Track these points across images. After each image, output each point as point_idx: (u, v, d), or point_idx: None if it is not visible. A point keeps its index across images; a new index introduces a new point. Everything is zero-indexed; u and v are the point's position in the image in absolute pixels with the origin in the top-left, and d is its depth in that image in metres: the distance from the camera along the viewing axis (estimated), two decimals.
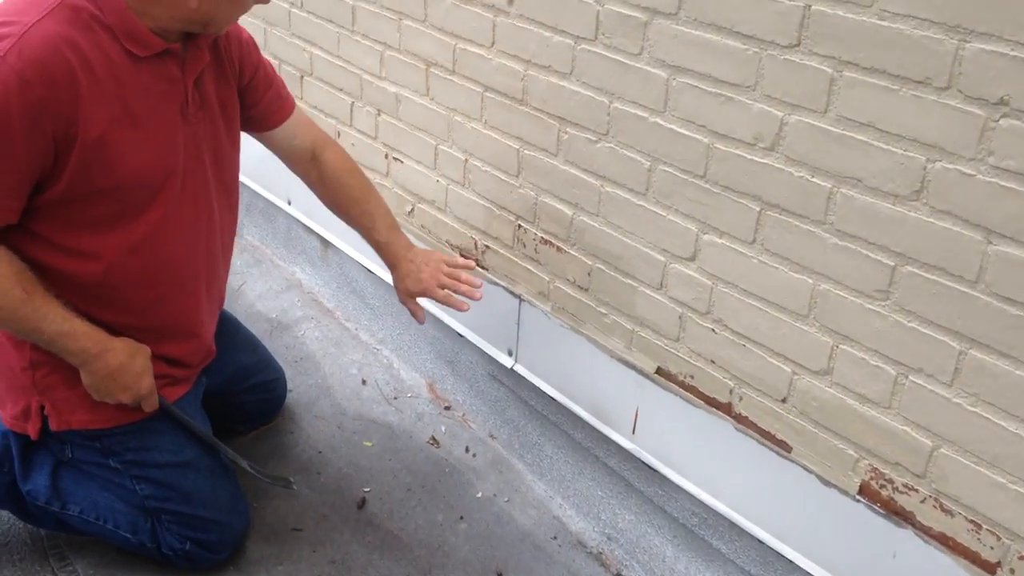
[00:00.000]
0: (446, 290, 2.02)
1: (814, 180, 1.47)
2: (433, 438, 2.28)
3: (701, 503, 1.83)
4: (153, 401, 1.69)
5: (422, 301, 2.10)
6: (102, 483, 1.76)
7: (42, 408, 1.69)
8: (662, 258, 1.77)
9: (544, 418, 2.18)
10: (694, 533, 1.88)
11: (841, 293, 1.49)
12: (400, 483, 2.13)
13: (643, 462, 1.93)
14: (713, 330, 1.71)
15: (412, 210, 2.39)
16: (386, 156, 2.42)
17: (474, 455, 2.23)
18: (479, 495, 2.11)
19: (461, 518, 2.05)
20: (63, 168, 1.46)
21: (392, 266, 2.06)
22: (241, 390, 2.12)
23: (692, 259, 1.71)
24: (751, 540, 1.76)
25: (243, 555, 1.90)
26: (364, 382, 2.46)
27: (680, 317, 1.77)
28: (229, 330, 2.01)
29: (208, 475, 1.80)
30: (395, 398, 2.41)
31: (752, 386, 1.68)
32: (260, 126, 1.90)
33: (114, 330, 1.63)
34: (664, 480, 1.90)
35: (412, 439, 2.27)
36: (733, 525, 1.78)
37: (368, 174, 2.32)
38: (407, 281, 2.03)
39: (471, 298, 2.02)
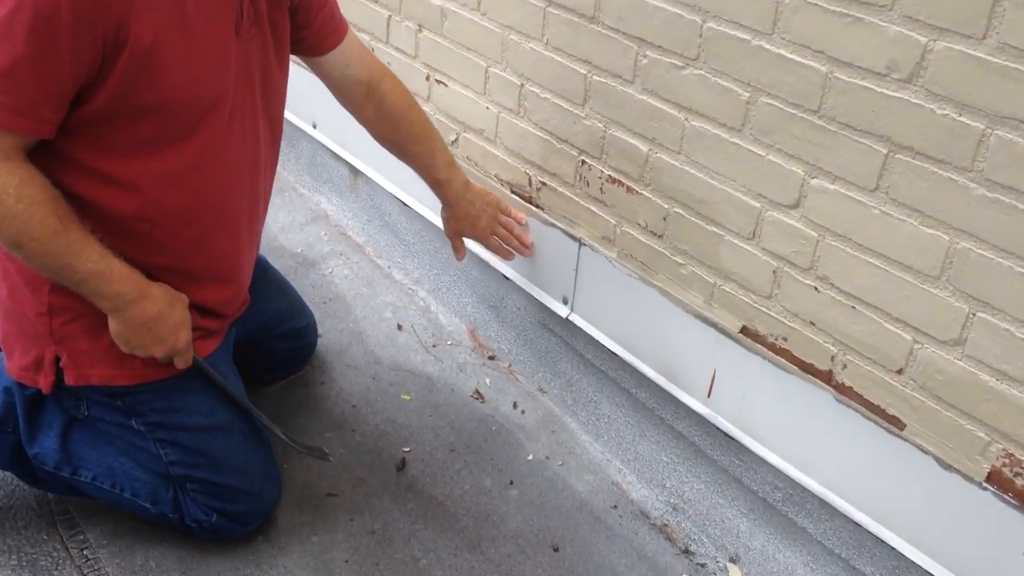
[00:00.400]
0: (498, 239, 1.90)
1: (962, 119, 1.24)
2: (477, 392, 2.08)
3: (787, 477, 1.64)
4: (188, 357, 1.49)
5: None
6: (121, 446, 1.57)
7: (57, 360, 1.49)
8: (757, 204, 1.54)
9: (601, 374, 1.98)
10: (775, 508, 1.69)
11: (986, 253, 1.27)
12: (443, 442, 1.94)
13: (718, 428, 1.73)
14: (816, 288, 1.50)
15: (456, 139, 2.16)
16: (427, 78, 2.17)
17: (523, 412, 2.04)
18: (530, 457, 1.93)
19: (511, 483, 1.86)
20: (107, 78, 1.26)
21: (449, 204, 1.86)
22: (271, 337, 1.92)
23: (795, 207, 1.48)
24: (845, 521, 1.57)
25: (273, 524, 1.72)
26: (399, 327, 2.26)
27: (775, 272, 1.55)
28: (259, 273, 1.80)
29: (241, 440, 1.61)
30: (434, 346, 2.21)
31: (860, 354, 1.47)
32: (312, 50, 1.66)
33: (148, 273, 1.43)
34: (742, 450, 1.71)
35: (454, 392, 2.07)
36: (824, 504, 1.59)
37: None
38: (462, 224, 1.84)
39: (520, 254, 1.94)
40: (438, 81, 2.14)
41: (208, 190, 1.44)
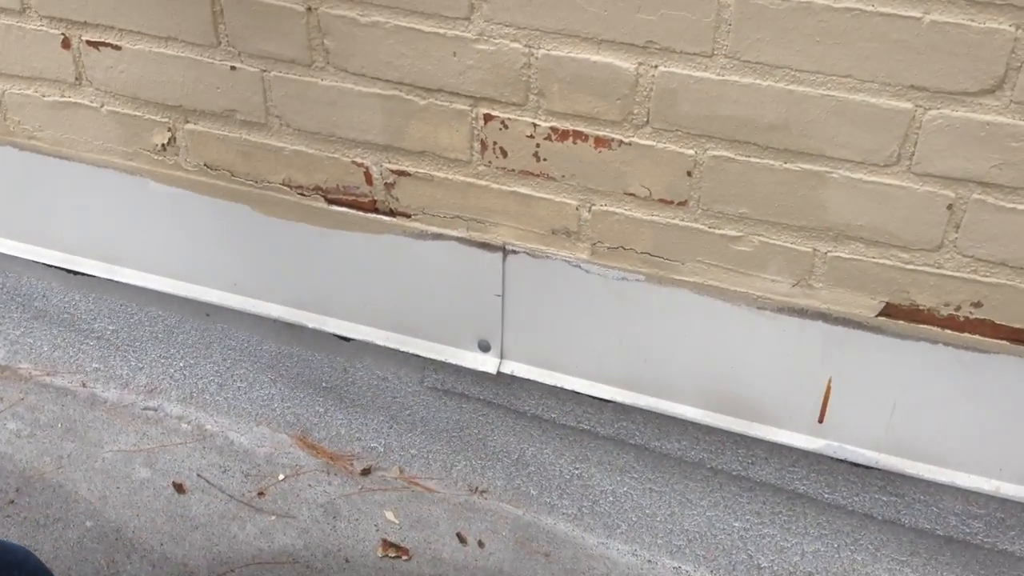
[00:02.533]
0: None
1: None
2: (387, 544, 1.28)
3: (995, 499, 1.12)
4: None
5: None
6: None
7: None
8: (906, 105, 0.92)
9: (580, 434, 1.29)
10: (972, 544, 1.18)
11: None
12: None
13: (843, 461, 1.15)
14: None
15: (172, 139, 1.23)
16: (66, 43, 1.19)
17: (480, 543, 1.29)
18: None
19: None
20: None
21: None
22: None
23: (995, 88, 0.89)
24: None
25: None
26: (179, 488, 1.34)
27: (950, 207, 0.96)
28: None
29: None
30: (260, 494, 1.34)
31: None
32: None
33: None
34: (894, 479, 1.16)
35: (354, 566, 1.25)
36: None
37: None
38: None
39: None
40: (92, 43, 1.18)
41: None
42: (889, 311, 1.05)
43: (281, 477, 1.36)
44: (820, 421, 1.15)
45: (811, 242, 1.04)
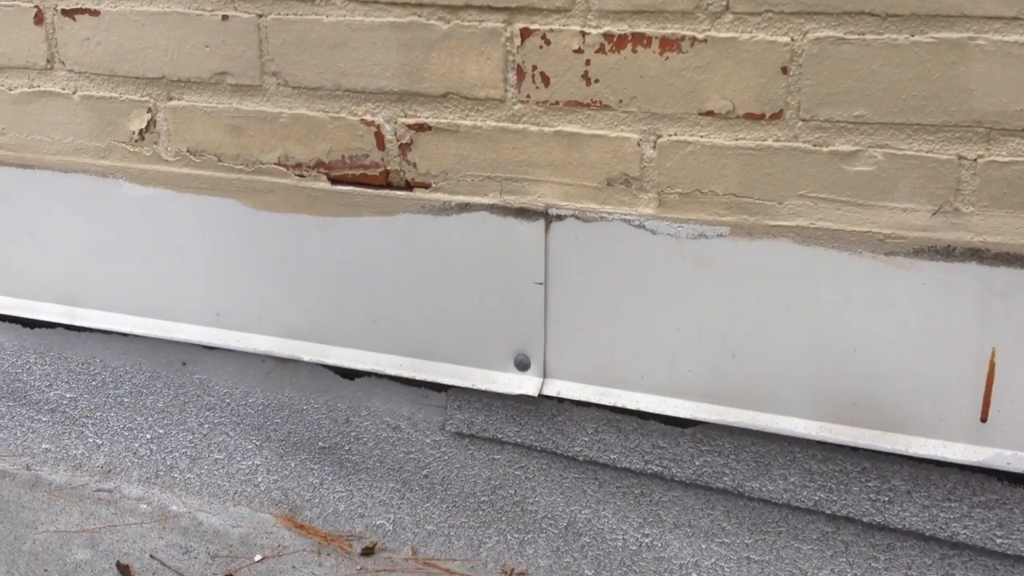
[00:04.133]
0: None
1: None
2: None
3: None
4: None
5: None
6: None
7: None
8: None
9: (650, 481, 0.96)
10: None
11: None
12: None
13: None
14: None
15: (151, 123, 1.01)
16: (39, 17, 1.01)
17: None
18: None
19: None
20: None
21: None
22: None
23: None
24: None
25: None
26: (125, 570, 1.00)
27: None
28: None
29: None
30: None
31: None
32: None
33: None
34: None
35: None
36: None
37: None
38: None
39: None
40: (68, 12, 1.00)
41: None
42: None
43: (258, 558, 1.02)
44: (983, 419, 0.83)
45: (954, 146, 0.78)
